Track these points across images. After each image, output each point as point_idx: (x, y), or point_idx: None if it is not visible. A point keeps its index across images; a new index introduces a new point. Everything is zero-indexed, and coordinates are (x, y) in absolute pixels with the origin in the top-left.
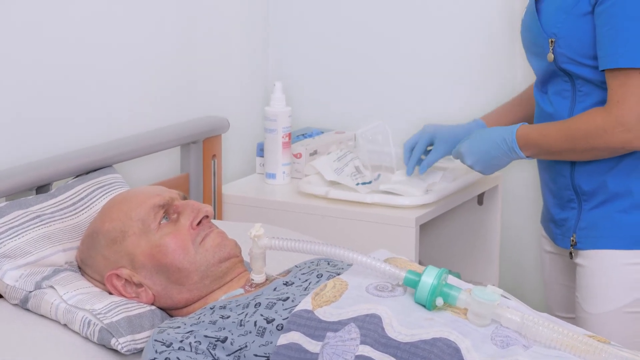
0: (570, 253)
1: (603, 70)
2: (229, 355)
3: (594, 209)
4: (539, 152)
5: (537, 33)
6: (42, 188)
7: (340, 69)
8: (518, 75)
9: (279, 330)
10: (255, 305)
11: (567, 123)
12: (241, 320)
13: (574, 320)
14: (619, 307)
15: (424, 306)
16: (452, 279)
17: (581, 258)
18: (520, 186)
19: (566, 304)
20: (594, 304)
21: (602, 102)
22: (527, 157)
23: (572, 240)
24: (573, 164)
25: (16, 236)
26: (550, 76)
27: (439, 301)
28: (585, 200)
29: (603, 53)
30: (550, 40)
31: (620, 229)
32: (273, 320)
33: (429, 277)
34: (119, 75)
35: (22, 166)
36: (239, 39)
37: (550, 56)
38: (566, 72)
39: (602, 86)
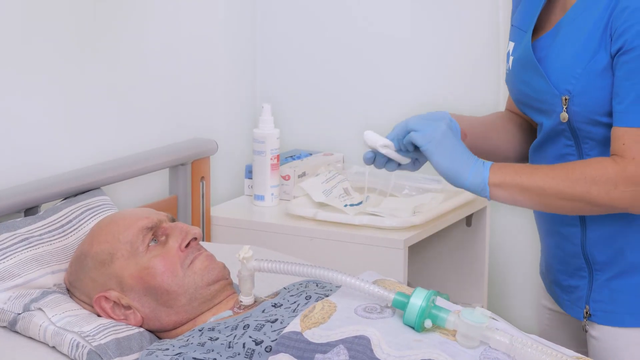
0: (584, 326)
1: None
2: None
3: (610, 280)
4: (511, 184)
5: (543, 89)
6: (30, 210)
7: (329, 91)
8: (501, 102)
9: (267, 352)
10: (244, 327)
11: (571, 164)
12: (230, 342)
13: None
14: None
15: (413, 328)
16: (440, 301)
17: (596, 331)
18: (509, 207)
19: None
20: None
21: None
22: (490, 186)
23: (586, 312)
24: (584, 230)
25: (4, 259)
26: (553, 136)
27: (428, 323)
28: (598, 270)
29: (624, 109)
30: (564, 98)
31: None
32: (262, 342)
33: (418, 299)
34: (107, 98)
35: (10, 189)
36: (227, 61)
37: (565, 116)
38: (575, 134)
39: None
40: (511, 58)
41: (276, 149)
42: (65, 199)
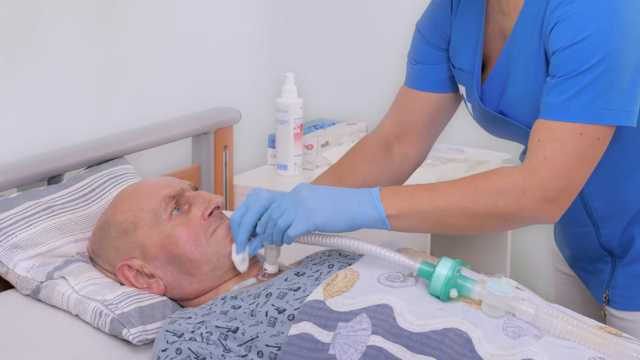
0: (603, 311)
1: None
2: (240, 345)
3: (626, 267)
4: (409, 211)
5: (516, 132)
6: (53, 179)
7: (352, 60)
8: None
9: (290, 320)
10: (267, 295)
11: (472, 177)
12: (252, 311)
13: None
14: None
15: (438, 297)
16: (466, 271)
17: (616, 313)
18: None
19: None
20: None
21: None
22: (388, 218)
23: (605, 297)
24: (597, 229)
25: (28, 227)
26: None
27: (453, 293)
28: (619, 257)
29: (548, 100)
30: None
31: None
32: (284, 310)
33: (443, 268)
34: (129, 67)
35: (33, 157)
36: (250, 30)
37: None
38: None
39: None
40: (469, 105)
41: (299, 118)
42: (88, 167)
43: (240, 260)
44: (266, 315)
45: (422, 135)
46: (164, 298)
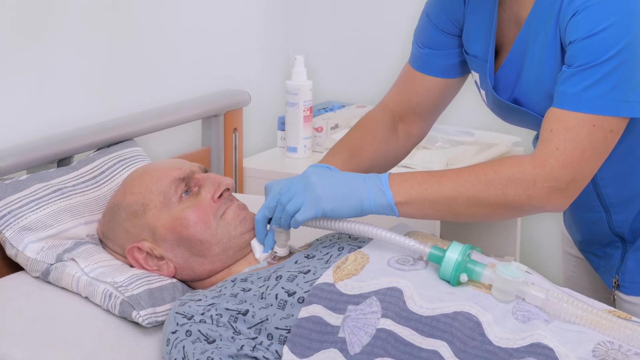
0: (613, 296)
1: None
2: (250, 328)
3: (637, 251)
4: (417, 199)
5: (530, 120)
6: (63, 161)
7: (362, 43)
8: None
9: (300, 303)
10: (277, 278)
11: (482, 165)
12: (262, 293)
13: None
14: None
15: (448, 282)
16: (476, 255)
17: (626, 297)
18: None
19: None
20: None
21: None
22: (396, 205)
23: (615, 282)
24: (609, 214)
25: (37, 209)
26: None
27: (463, 277)
28: (631, 242)
29: (563, 90)
30: None
31: None
32: (294, 293)
33: (454, 253)
34: (140, 49)
35: (43, 139)
36: (260, 12)
37: None
38: None
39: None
40: (482, 92)
41: (309, 101)
42: (98, 150)
43: (265, 257)
44: (276, 297)
45: (425, 117)
46: (174, 280)
